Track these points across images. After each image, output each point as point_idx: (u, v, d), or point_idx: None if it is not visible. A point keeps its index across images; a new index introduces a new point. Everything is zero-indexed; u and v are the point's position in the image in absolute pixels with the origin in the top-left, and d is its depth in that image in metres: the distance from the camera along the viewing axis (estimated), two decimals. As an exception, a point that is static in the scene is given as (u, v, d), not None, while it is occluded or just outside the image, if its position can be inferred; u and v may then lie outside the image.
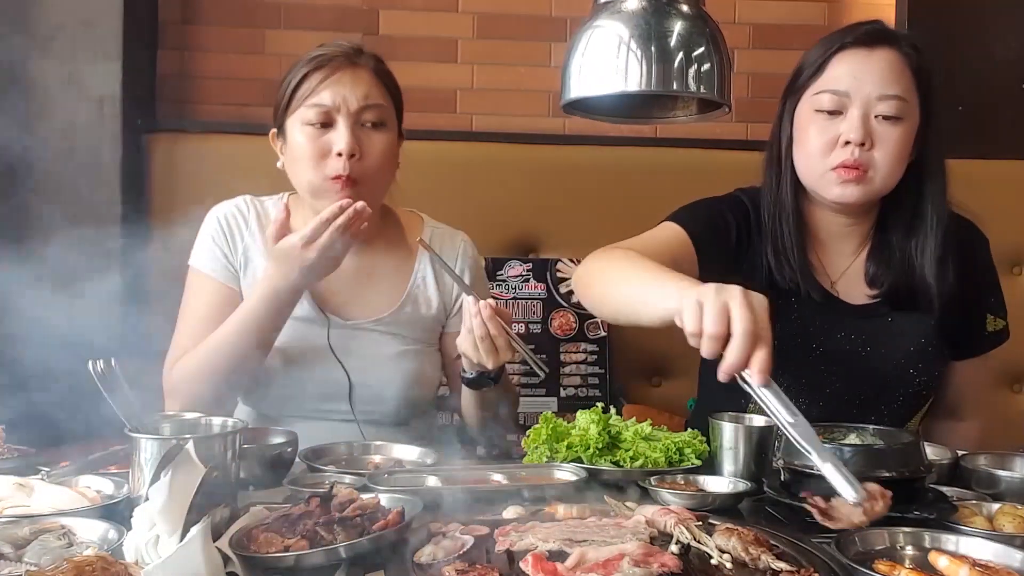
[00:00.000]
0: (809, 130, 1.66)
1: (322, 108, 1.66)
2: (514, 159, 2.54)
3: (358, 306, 1.78)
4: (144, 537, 0.98)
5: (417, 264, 1.84)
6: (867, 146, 1.61)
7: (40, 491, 1.19)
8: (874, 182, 1.63)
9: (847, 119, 1.61)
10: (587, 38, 1.30)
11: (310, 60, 1.70)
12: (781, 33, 2.81)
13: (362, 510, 1.07)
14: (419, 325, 1.82)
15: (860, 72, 1.62)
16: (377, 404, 1.75)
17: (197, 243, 1.79)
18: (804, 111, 1.68)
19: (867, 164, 1.61)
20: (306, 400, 1.73)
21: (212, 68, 2.67)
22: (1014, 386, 2.65)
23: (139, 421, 1.18)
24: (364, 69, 1.71)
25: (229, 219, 1.78)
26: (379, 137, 1.69)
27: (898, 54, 1.63)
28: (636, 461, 1.39)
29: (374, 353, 1.75)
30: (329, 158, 1.65)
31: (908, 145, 1.64)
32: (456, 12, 2.74)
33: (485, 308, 1.51)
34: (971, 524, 1.17)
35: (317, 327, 1.73)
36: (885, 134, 1.61)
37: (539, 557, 0.95)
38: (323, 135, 1.66)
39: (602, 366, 2.48)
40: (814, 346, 1.69)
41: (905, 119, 1.62)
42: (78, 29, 2.32)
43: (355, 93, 1.67)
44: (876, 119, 1.61)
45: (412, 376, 1.78)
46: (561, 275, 2.51)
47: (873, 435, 1.31)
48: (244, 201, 1.82)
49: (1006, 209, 2.46)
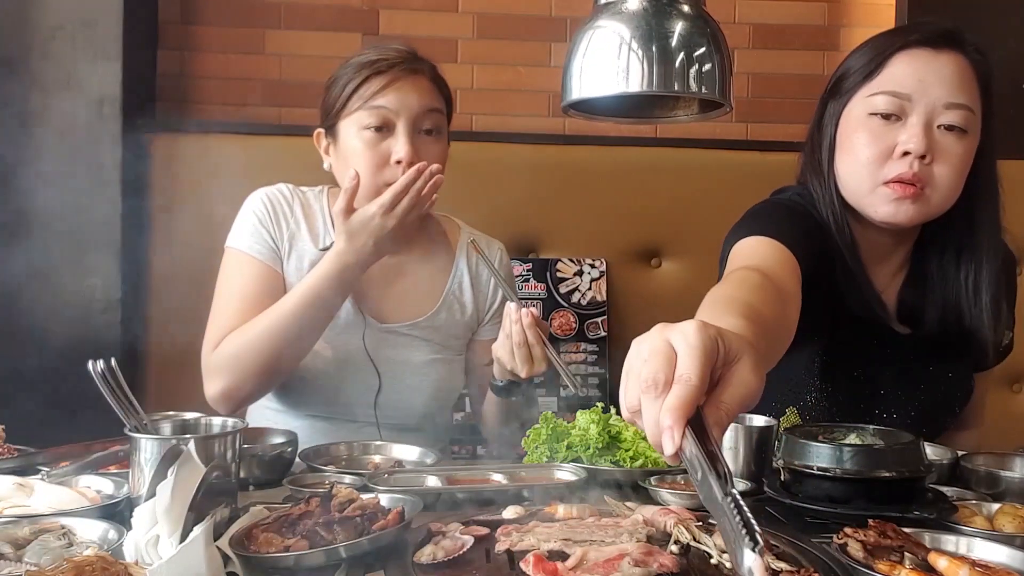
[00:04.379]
0: (859, 136, 1.47)
1: (383, 112, 1.65)
2: (514, 159, 2.54)
3: (394, 308, 1.78)
4: (144, 537, 0.98)
5: (454, 270, 1.84)
6: (928, 159, 1.42)
7: (40, 491, 1.19)
8: (931, 201, 1.45)
9: (907, 127, 1.43)
10: (588, 39, 1.30)
11: (369, 63, 1.68)
12: (781, 33, 2.81)
13: (362, 510, 1.07)
14: (452, 332, 1.81)
15: (925, 74, 1.44)
16: (402, 409, 1.75)
17: (238, 223, 1.75)
18: (854, 115, 1.49)
19: (925, 180, 1.43)
20: (334, 401, 1.72)
21: (212, 68, 2.67)
22: (1014, 386, 2.65)
23: (139, 421, 1.18)
24: (423, 76, 1.71)
25: (275, 202, 1.76)
26: (435, 144, 1.70)
27: (966, 59, 1.47)
28: (636, 461, 1.39)
29: (405, 359, 1.75)
30: (387, 167, 1.65)
31: (969, 162, 1.46)
32: (456, 12, 2.74)
33: (527, 316, 1.52)
34: (971, 524, 1.16)
35: (353, 327, 1.73)
36: (949, 147, 1.43)
37: (540, 557, 0.95)
38: (381, 141, 1.65)
39: (602, 366, 2.48)
40: (860, 373, 1.57)
41: (970, 133, 1.45)
42: (78, 29, 2.32)
43: (417, 99, 1.67)
44: (939, 129, 1.43)
45: (438, 385, 1.78)
46: (561, 275, 2.51)
47: (873, 435, 1.31)
48: (287, 188, 1.80)
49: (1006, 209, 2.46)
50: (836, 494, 1.21)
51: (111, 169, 2.34)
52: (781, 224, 1.47)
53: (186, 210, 2.40)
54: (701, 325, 0.78)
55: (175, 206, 2.41)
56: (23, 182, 2.32)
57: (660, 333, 0.79)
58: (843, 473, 1.20)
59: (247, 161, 2.43)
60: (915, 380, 1.59)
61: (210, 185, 2.41)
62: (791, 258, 1.39)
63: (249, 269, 1.71)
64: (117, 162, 2.34)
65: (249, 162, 2.42)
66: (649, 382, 0.76)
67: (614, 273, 2.52)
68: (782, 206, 1.58)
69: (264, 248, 1.72)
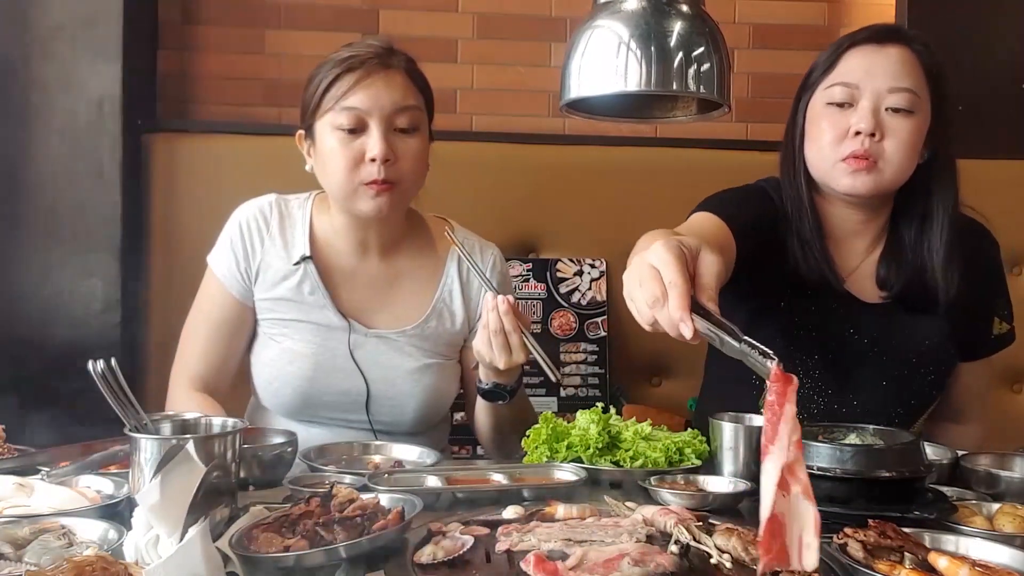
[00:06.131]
0: (820, 123, 1.67)
1: (354, 112, 1.62)
2: (514, 159, 2.54)
3: (383, 315, 1.76)
4: (144, 537, 0.98)
5: (444, 275, 1.80)
6: (877, 137, 1.62)
7: (40, 491, 1.19)
8: (884, 173, 1.63)
9: (857, 110, 1.63)
10: (587, 38, 1.30)
11: (341, 61, 1.64)
12: (781, 33, 2.80)
13: (362, 510, 1.07)
14: (443, 339, 1.79)
15: (871, 66, 1.64)
16: (395, 416, 1.74)
17: (219, 242, 1.77)
18: (816, 105, 1.69)
19: (877, 155, 1.62)
20: (323, 407, 1.72)
21: (212, 68, 2.67)
22: (1014, 386, 2.65)
23: (139, 421, 1.18)
24: (397, 71, 1.66)
25: (251, 224, 1.74)
26: (412, 141, 1.66)
27: (909, 51, 1.65)
28: (636, 461, 1.39)
29: (396, 364, 1.74)
30: (363, 164, 1.62)
31: (918, 139, 1.65)
32: (456, 12, 2.74)
33: (502, 303, 1.49)
34: (971, 524, 1.17)
35: (339, 333, 1.72)
36: (895, 125, 1.62)
37: (540, 557, 0.95)
38: (355, 140, 1.62)
39: (602, 366, 2.48)
40: (829, 341, 1.70)
41: (916, 113, 1.63)
42: (78, 29, 2.32)
43: (389, 97, 1.63)
44: (887, 112, 1.62)
45: (432, 391, 1.76)
46: (561, 275, 2.51)
47: (873, 435, 1.31)
48: (269, 204, 1.77)
49: (1006, 209, 2.45)
50: (836, 494, 1.20)
51: (111, 169, 2.34)
52: (725, 203, 1.71)
53: (186, 210, 2.40)
54: (665, 241, 1.06)
55: (175, 206, 2.41)
56: (23, 182, 2.32)
57: (641, 261, 1.06)
58: (843, 473, 1.20)
59: (247, 161, 2.43)
60: (888, 343, 1.71)
61: (210, 185, 2.41)
62: (725, 229, 1.62)
63: (220, 299, 1.74)
64: (117, 162, 2.34)
65: (249, 162, 2.42)
66: (652, 299, 1.03)
67: (614, 273, 2.51)
68: (736, 189, 1.80)
69: (232, 279, 1.73)
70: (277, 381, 1.72)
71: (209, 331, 1.74)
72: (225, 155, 2.45)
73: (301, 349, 1.71)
